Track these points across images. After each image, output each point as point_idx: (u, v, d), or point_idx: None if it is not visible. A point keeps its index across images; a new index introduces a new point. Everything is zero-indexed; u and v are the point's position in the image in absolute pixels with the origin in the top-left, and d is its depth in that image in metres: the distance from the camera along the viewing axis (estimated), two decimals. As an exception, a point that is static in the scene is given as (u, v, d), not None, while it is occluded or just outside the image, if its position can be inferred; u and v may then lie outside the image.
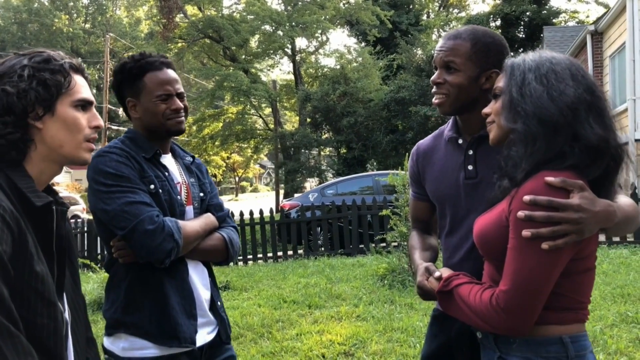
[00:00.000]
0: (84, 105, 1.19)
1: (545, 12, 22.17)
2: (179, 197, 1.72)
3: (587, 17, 26.43)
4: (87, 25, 41.86)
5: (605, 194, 1.26)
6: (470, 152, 1.62)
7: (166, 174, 1.73)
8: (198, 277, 1.73)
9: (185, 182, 1.79)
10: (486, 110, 1.38)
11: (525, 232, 1.17)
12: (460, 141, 1.66)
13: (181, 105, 1.73)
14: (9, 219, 0.98)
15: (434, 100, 1.63)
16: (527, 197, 1.18)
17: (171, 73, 1.73)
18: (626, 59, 10.00)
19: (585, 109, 1.22)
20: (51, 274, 1.07)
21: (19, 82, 1.09)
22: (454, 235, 1.67)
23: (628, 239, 7.44)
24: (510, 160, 1.26)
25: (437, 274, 1.43)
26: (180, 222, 1.63)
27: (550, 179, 1.18)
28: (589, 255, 1.27)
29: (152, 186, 1.64)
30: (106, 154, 1.63)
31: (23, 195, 1.06)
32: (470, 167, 1.61)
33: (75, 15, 42.34)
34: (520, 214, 1.18)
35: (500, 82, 1.34)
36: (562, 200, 1.17)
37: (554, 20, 22.60)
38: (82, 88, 1.19)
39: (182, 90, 1.75)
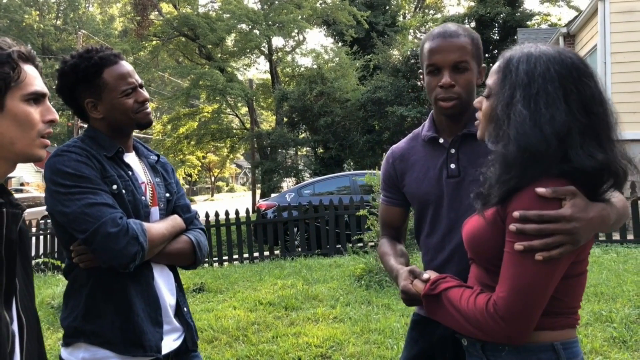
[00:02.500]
0: (36, 98, 1.10)
1: (519, 14, 22.48)
2: (143, 197, 1.63)
3: (559, 19, 26.94)
4: (59, 22, 40.89)
5: (600, 199, 1.19)
6: (453, 151, 1.59)
7: (130, 173, 1.63)
8: (163, 282, 1.65)
9: (150, 182, 1.70)
10: (476, 103, 1.31)
11: (518, 246, 1.12)
12: (441, 140, 1.62)
13: (147, 95, 1.65)
14: None
15: (444, 104, 1.52)
16: (516, 213, 1.12)
17: (127, 64, 1.64)
18: (597, 61, 10.17)
19: (580, 133, 1.13)
20: None
21: None
22: (434, 235, 1.63)
23: (600, 238, 7.54)
24: (487, 180, 1.20)
25: (425, 275, 1.34)
26: (145, 224, 1.55)
27: (540, 190, 1.12)
28: (584, 258, 1.23)
29: (114, 186, 1.55)
30: (65, 153, 1.53)
31: None
32: (452, 166, 1.58)
33: (46, 11, 41.33)
34: (512, 227, 1.13)
35: (491, 80, 1.25)
36: (553, 212, 1.11)
37: (527, 23, 22.95)
38: (33, 80, 1.09)
39: (141, 80, 1.67)
